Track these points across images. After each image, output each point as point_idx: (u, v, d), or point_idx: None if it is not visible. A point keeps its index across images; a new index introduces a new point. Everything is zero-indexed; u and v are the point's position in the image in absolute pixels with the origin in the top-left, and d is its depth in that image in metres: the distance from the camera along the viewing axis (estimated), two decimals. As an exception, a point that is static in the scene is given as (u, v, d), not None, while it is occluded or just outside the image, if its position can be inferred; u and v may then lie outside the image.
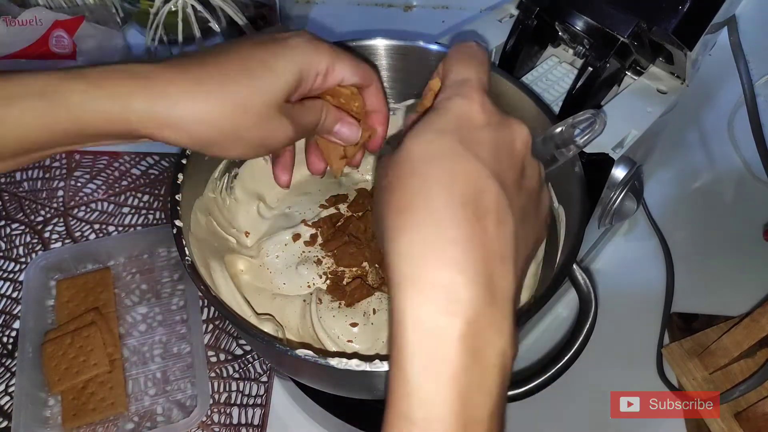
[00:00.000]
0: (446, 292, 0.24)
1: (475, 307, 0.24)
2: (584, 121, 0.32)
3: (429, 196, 0.25)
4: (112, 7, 0.81)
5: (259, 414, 0.53)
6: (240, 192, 0.47)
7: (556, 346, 0.57)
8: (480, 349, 0.24)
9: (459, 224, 0.24)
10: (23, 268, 0.61)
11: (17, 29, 0.74)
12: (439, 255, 0.24)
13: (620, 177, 0.44)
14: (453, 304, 0.23)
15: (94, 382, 0.52)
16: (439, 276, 0.24)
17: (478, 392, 0.24)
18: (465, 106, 0.28)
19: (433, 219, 0.25)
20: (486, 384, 0.24)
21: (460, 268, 0.24)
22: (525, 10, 0.49)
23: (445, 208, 0.25)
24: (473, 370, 0.23)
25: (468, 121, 0.27)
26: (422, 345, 0.24)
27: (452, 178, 0.25)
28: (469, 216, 0.25)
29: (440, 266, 0.24)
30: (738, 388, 0.47)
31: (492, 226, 0.25)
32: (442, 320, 0.23)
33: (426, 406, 0.23)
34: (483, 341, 0.24)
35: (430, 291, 0.24)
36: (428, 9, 0.91)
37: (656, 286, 0.60)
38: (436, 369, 0.23)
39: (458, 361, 0.23)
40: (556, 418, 0.53)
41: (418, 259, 0.24)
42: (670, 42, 0.44)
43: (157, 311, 0.58)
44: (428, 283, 0.24)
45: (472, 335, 0.23)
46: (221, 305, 0.35)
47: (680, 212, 0.67)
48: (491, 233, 0.25)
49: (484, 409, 0.24)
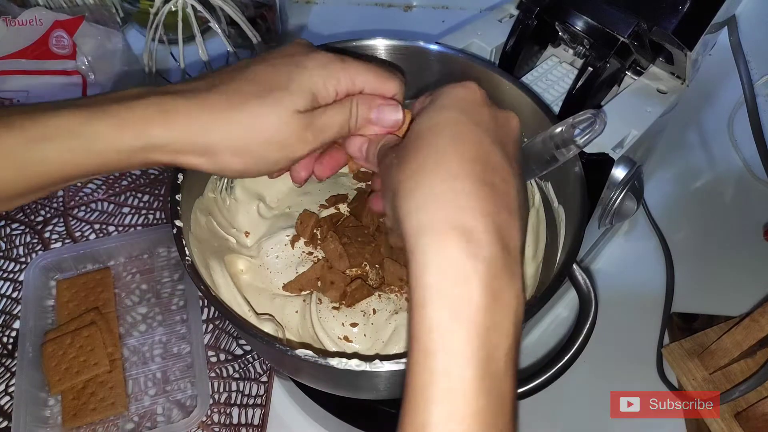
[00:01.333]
0: (465, 235, 0.25)
1: (491, 251, 0.25)
2: (584, 121, 0.32)
3: (441, 156, 0.27)
4: (112, 7, 0.81)
5: (259, 414, 0.53)
6: (240, 192, 0.47)
7: (556, 346, 0.57)
8: (498, 291, 0.25)
9: (471, 178, 0.26)
10: (23, 268, 0.61)
11: (17, 29, 0.74)
12: (456, 203, 0.25)
13: (620, 177, 0.44)
14: (474, 247, 0.25)
15: (94, 382, 0.52)
16: (459, 220, 0.25)
17: (496, 332, 0.25)
18: (463, 90, 0.30)
19: (448, 174, 0.26)
20: (503, 325, 0.25)
21: (475, 215, 0.25)
22: (525, 10, 0.49)
23: (457, 164, 0.26)
24: (492, 310, 0.25)
25: (468, 100, 0.30)
26: (444, 285, 0.25)
27: (461, 140, 0.27)
28: (478, 172, 0.26)
29: (458, 212, 0.25)
30: (738, 388, 0.47)
31: (500, 183, 0.27)
32: (463, 262, 0.25)
33: (447, 344, 0.24)
34: (500, 283, 0.25)
35: (450, 233, 0.25)
36: (428, 9, 0.91)
37: (656, 286, 0.60)
38: (457, 308, 0.24)
39: (479, 301, 0.24)
40: (556, 418, 0.53)
41: (436, 207, 0.26)
42: (670, 42, 0.44)
43: (157, 311, 0.58)
44: (447, 226, 0.25)
45: (492, 277, 0.25)
46: (221, 305, 0.35)
47: (680, 212, 0.67)
48: (500, 189, 0.27)
49: (501, 349, 0.25)
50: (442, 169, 0.26)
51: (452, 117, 0.29)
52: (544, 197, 0.44)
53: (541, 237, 0.44)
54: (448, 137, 0.28)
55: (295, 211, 0.47)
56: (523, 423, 0.51)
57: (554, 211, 0.42)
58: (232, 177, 0.33)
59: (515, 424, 0.25)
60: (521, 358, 0.58)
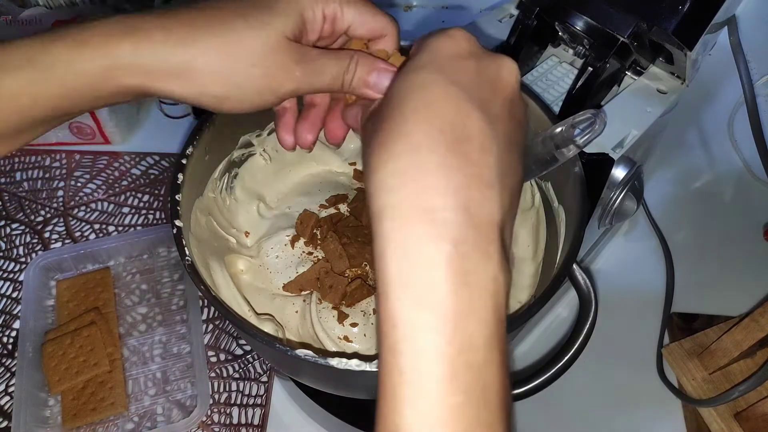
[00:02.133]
0: (428, 216, 0.22)
1: (459, 230, 0.22)
2: (584, 121, 0.32)
3: (406, 126, 0.24)
4: (112, 7, 0.81)
5: (259, 414, 0.53)
6: (240, 192, 0.47)
7: (556, 346, 0.57)
8: (468, 273, 0.22)
9: (438, 150, 0.23)
10: (23, 268, 0.61)
11: (17, 29, 0.74)
12: (419, 180, 0.23)
13: (620, 177, 0.44)
14: (436, 228, 0.22)
15: (94, 382, 0.52)
16: (419, 201, 0.23)
17: (470, 319, 0.22)
18: (445, 41, 0.27)
19: (411, 147, 0.24)
20: (478, 311, 0.22)
21: (440, 192, 0.23)
22: (525, 10, 0.49)
23: (423, 134, 0.24)
24: (462, 295, 0.22)
25: (449, 52, 0.26)
26: (406, 271, 0.22)
27: (429, 105, 0.24)
28: (448, 141, 0.23)
29: (420, 191, 0.23)
30: (738, 388, 0.47)
31: (475, 152, 0.24)
32: (425, 244, 0.22)
33: (414, 336, 0.22)
34: (471, 265, 0.22)
35: (411, 216, 0.23)
36: (428, 9, 0.91)
37: (656, 286, 0.60)
38: (421, 297, 0.22)
39: (446, 286, 0.22)
40: (556, 418, 0.53)
41: (397, 186, 0.23)
42: (670, 42, 0.44)
43: (157, 311, 0.58)
44: (408, 208, 0.23)
45: (459, 258, 0.22)
46: (221, 305, 0.35)
47: (680, 212, 0.67)
48: (474, 158, 0.24)
49: (479, 337, 0.22)
50: (405, 142, 0.24)
51: (424, 78, 0.25)
52: (544, 197, 0.44)
53: (541, 237, 0.44)
54: (416, 103, 0.24)
55: (295, 211, 0.47)
56: (523, 423, 0.52)
57: (554, 211, 0.42)
58: (210, 106, 0.30)
59: (506, 415, 0.23)
60: (521, 358, 0.58)
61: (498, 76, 0.27)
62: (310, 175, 0.50)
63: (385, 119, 0.25)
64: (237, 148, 0.46)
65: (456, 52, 0.26)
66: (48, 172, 0.69)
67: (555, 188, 0.43)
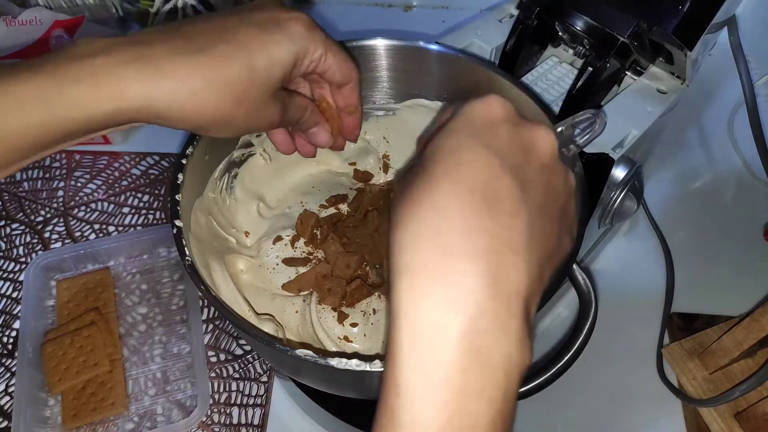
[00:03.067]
0: (445, 283, 0.22)
1: (477, 301, 0.22)
2: (584, 121, 0.32)
3: (433, 186, 0.24)
4: (112, 7, 0.81)
5: (259, 414, 0.53)
6: (240, 192, 0.47)
7: (556, 346, 0.57)
8: (481, 350, 0.22)
9: (464, 212, 0.23)
10: (23, 268, 0.61)
11: (17, 29, 0.74)
12: (441, 243, 0.22)
13: (620, 177, 0.44)
14: (452, 296, 0.22)
15: (94, 382, 0.52)
16: (437, 265, 0.22)
17: (477, 399, 0.22)
18: (481, 106, 0.27)
19: (436, 208, 0.23)
20: (487, 390, 0.22)
21: (463, 255, 0.22)
22: (525, 10, 0.49)
23: (450, 196, 0.23)
24: (471, 372, 0.21)
25: (482, 119, 0.27)
26: (414, 342, 0.22)
27: (459, 167, 0.24)
28: (477, 203, 0.23)
29: (440, 255, 0.22)
30: (738, 388, 0.47)
31: (504, 215, 0.23)
32: (438, 314, 0.22)
33: (414, 409, 0.22)
34: (485, 341, 0.22)
35: (428, 281, 0.22)
36: (428, 9, 0.91)
37: (656, 286, 0.60)
38: (427, 369, 0.22)
39: (454, 362, 0.21)
40: (556, 418, 0.53)
41: (418, 248, 0.23)
42: (670, 42, 0.44)
43: (157, 311, 0.58)
44: (426, 272, 0.22)
45: (473, 333, 0.21)
46: (221, 305, 0.35)
47: (680, 212, 0.67)
48: (502, 222, 0.23)
49: (482, 417, 0.22)
50: (431, 202, 0.23)
51: (457, 142, 0.25)
52: (544, 197, 0.44)
53: (541, 237, 0.44)
54: (447, 165, 0.24)
55: (295, 211, 0.47)
56: (523, 423, 0.51)
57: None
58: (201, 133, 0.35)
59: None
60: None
61: (532, 143, 0.27)
62: (310, 175, 0.50)
63: (416, 179, 0.25)
64: (237, 148, 0.46)
65: (490, 117, 0.27)
66: (48, 172, 0.69)
67: (555, 188, 0.43)
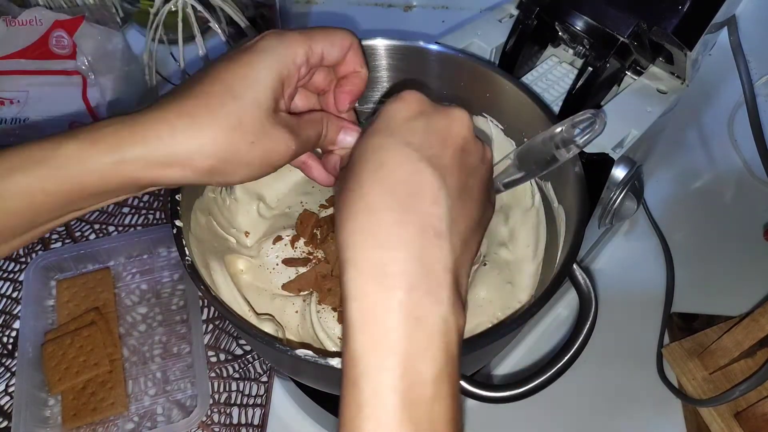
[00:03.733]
0: (381, 269, 0.26)
1: (410, 279, 0.25)
2: (584, 121, 0.32)
3: (362, 188, 0.27)
4: (112, 7, 0.81)
5: (259, 414, 0.53)
6: (240, 192, 0.47)
7: (556, 346, 0.57)
8: (419, 317, 0.25)
9: (392, 208, 0.27)
10: (23, 268, 0.61)
11: (17, 29, 0.74)
12: (373, 237, 0.26)
13: (620, 177, 0.44)
14: (389, 278, 0.26)
15: (94, 382, 0.52)
16: (373, 256, 0.26)
17: (422, 359, 0.25)
18: (396, 106, 0.30)
19: (367, 208, 0.27)
20: (430, 350, 0.25)
21: (393, 246, 0.26)
22: (525, 10, 0.49)
23: (378, 195, 0.27)
24: (414, 337, 0.25)
25: (399, 117, 0.30)
26: (364, 319, 0.26)
27: (381, 168, 0.28)
28: (402, 199, 0.27)
29: (374, 247, 0.26)
30: (738, 388, 0.47)
31: (425, 205, 0.27)
32: (380, 294, 0.25)
33: (371, 374, 0.25)
34: (422, 309, 0.25)
35: (367, 269, 0.26)
36: (428, 9, 0.91)
37: (656, 286, 0.60)
38: (377, 339, 0.25)
39: (398, 329, 0.25)
40: (556, 418, 0.53)
41: (357, 243, 0.27)
42: (670, 42, 0.44)
43: (157, 311, 0.58)
44: (366, 263, 0.26)
45: (410, 304, 0.25)
46: (221, 305, 0.35)
47: (680, 212, 0.67)
48: (425, 212, 0.27)
49: (427, 374, 0.25)
50: (363, 203, 0.27)
51: (379, 142, 0.29)
52: (544, 197, 0.44)
53: (541, 237, 0.44)
54: (371, 165, 0.28)
55: (295, 211, 0.47)
56: (523, 423, 0.52)
57: (554, 211, 0.42)
58: (220, 184, 0.35)
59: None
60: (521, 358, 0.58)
61: (448, 130, 0.30)
62: (310, 175, 0.50)
63: (347, 180, 0.29)
64: (237, 148, 0.46)
65: (407, 114, 0.30)
66: (48, 172, 0.69)
67: (555, 188, 0.43)
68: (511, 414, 0.50)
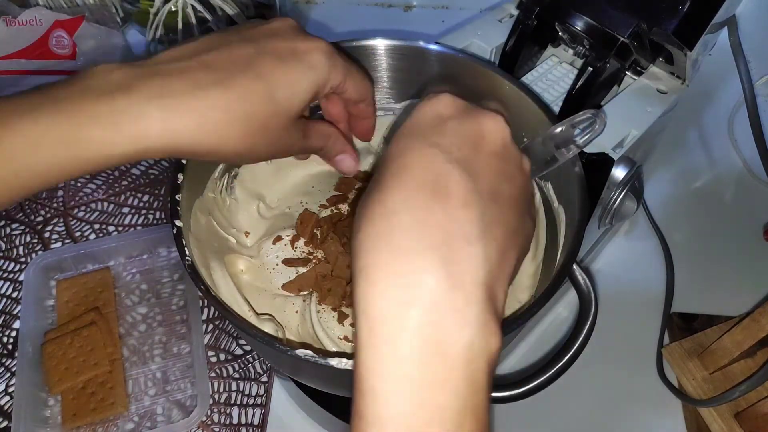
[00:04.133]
0: (399, 280, 0.22)
1: (431, 294, 0.22)
2: (584, 121, 0.32)
3: (383, 190, 0.25)
4: (112, 7, 0.81)
5: (259, 414, 0.53)
6: (240, 192, 0.47)
7: (556, 346, 0.57)
8: (439, 342, 0.22)
9: (414, 210, 0.23)
10: (23, 268, 0.61)
11: (17, 29, 0.74)
12: (394, 243, 0.23)
13: (620, 177, 0.44)
14: (406, 293, 0.22)
15: (94, 382, 0.52)
16: (391, 264, 0.22)
17: (441, 390, 0.21)
18: (426, 105, 0.28)
19: (387, 210, 0.24)
20: (451, 381, 0.22)
21: (415, 254, 0.22)
22: (525, 10, 0.49)
23: (399, 197, 0.24)
24: (432, 365, 0.22)
25: (428, 119, 0.28)
26: (374, 340, 0.22)
27: (404, 169, 0.25)
28: (426, 200, 0.24)
29: (394, 254, 0.23)
30: (738, 388, 0.47)
31: (455, 208, 0.24)
32: (394, 311, 0.22)
33: (378, 405, 0.22)
34: (442, 332, 0.22)
35: (383, 280, 0.22)
36: (428, 9, 0.91)
37: (656, 286, 0.60)
38: (387, 365, 0.22)
39: (413, 356, 0.21)
40: (556, 418, 0.53)
41: (372, 249, 0.23)
42: (670, 42, 0.44)
43: (157, 311, 0.58)
44: (381, 272, 0.23)
45: (429, 325, 0.22)
46: (221, 305, 0.35)
47: (680, 212, 0.67)
48: (454, 215, 0.23)
49: (448, 409, 0.22)
50: (382, 206, 0.24)
51: (405, 145, 0.26)
52: (544, 197, 0.44)
53: (541, 237, 0.44)
54: (395, 168, 0.25)
55: (295, 211, 0.47)
56: (524, 423, 0.51)
57: (554, 211, 0.42)
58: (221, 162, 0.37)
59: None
60: (521, 358, 0.58)
61: (480, 134, 0.27)
62: (310, 175, 0.50)
63: (371, 185, 0.26)
64: (237, 148, 0.46)
65: (437, 115, 0.27)
66: (48, 172, 0.69)
67: (555, 188, 0.43)
68: (511, 414, 0.50)
